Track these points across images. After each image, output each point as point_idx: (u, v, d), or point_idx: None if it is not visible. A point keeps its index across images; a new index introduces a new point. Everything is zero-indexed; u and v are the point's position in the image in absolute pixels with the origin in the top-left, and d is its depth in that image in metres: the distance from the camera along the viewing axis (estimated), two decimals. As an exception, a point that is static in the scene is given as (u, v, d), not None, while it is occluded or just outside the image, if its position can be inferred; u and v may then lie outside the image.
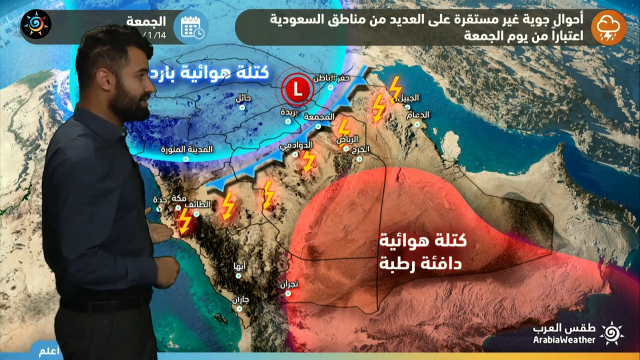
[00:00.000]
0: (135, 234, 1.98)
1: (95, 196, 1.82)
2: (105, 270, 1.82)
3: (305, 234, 4.55)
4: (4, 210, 4.68)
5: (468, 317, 4.49)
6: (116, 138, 1.95)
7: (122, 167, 1.93)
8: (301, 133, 4.56)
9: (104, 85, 1.93)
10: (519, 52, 5.02)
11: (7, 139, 4.83)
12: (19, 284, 4.55)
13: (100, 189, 1.82)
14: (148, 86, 1.97)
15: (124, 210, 1.92)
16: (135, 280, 1.89)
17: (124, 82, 1.93)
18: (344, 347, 4.44)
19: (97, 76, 1.93)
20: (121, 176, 1.90)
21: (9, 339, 4.46)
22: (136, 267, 1.90)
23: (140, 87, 1.95)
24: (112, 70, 1.92)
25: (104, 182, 1.83)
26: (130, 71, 1.93)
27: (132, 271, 1.88)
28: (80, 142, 1.86)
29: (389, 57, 4.82)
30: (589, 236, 4.59)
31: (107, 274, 1.83)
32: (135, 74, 1.94)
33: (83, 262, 1.80)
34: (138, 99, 1.96)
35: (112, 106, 1.95)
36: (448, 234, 4.44)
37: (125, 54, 1.92)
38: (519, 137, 4.74)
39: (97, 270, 1.81)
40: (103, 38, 1.91)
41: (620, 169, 4.73)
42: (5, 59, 4.87)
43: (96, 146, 1.87)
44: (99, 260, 1.81)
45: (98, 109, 1.95)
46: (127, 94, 1.94)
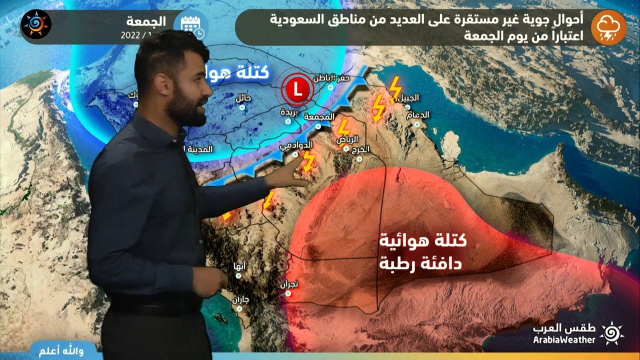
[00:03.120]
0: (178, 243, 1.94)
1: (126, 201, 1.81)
2: (129, 275, 1.81)
3: (305, 234, 4.55)
4: (4, 210, 4.68)
5: (468, 317, 4.49)
6: (165, 144, 1.94)
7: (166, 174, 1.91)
8: (301, 133, 4.56)
9: (162, 90, 1.93)
10: (519, 52, 5.02)
11: (7, 139, 4.83)
12: (19, 284, 4.55)
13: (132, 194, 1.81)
14: (205, 89, 1.96)
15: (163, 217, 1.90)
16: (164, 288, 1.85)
17: (181, 87, 1.93)
18: (344, 347, 4.44)
19: (155, 81, 1.93)
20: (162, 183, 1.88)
21: (9, 339, 4.46)
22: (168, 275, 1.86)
23: (197, 91, 1.95)
24: (169, 75, 1.92)
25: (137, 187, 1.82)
26: (187, 75, 1.93)
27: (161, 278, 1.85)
28: (122, 147, 1.86)
29: (389, 57, 4.83)
30: (589, 236, 4.59)
31: (131, 279, 1.82)
32: (193, 77, 1.93)
33: (106, 265, 1.80)
34: (195, 103, 1.95)
35: (169, 111, 1.95)
36: (448, 234, 4.45)
37: (182, 58, 1.92)
38: (519, 137, 4.74)
39: (120, 275, 1.80)
40: (159, 43, 1.92)
41: (620, 169, 4.73)
42: (5, 59, 4.87)
43: (138, 151, 1.86)
44: (122, 265, 1.81)
45: (154, 115, 1.96)
46: (184, 98, 1.94)
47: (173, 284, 1.87)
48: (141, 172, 1.83)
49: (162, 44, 1.92)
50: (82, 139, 4.75)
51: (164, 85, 1.92)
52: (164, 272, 1.86)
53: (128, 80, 4.72)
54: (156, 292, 1.85)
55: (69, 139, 4.78)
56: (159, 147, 1.93)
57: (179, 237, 1.94)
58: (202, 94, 1.95)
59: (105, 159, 1.85)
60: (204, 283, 1.91)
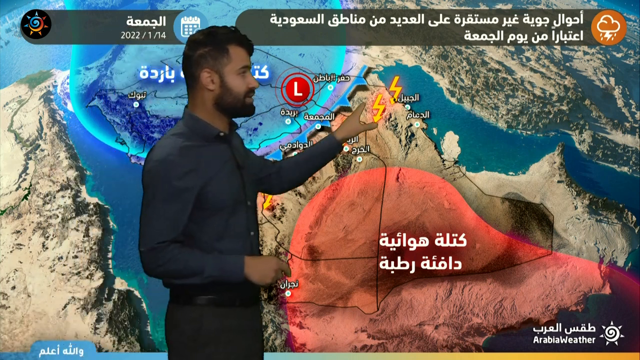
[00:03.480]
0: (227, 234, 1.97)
1: (170, 194, 1.87)
2: (175, 265, 1.87)
3: (305, 234, 4.55)
4: (4, 210, 4.68)
5: (468, 317, 4.49)
6: (212, 137, 1.98)
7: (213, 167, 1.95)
8: (301, 133, 4.56)
9: (208, 85, 1.98)
10: (519, 52, 5.02)
11: (7, 139, 4.83)
12: (19, 284, 4.55)
13: (177, 187, 1.87)
14: (251, 82, 2.00)
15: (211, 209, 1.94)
16: (213, 277, 1.89)
17: (227, 81, 1.97)
18: (344, 347, 4.44)
19: (201, 77, 1.97)
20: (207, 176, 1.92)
21: (9, 339, 4.46)
22: (217, 264, 1.90)
23: (243, 84, 1.99)
24: (215, 70, 1.97)
25: (181, 180, 1.87)
26: (232, 69, 1.97)
27: (210, 268, 1.88)
28: (168, 141, 1.93)
29: (389, 57, 4.83)
30: (589, 236, 4.59)
31: (178, 268, 1.87)
32: (238, 71, 1.97)
33: (153, 256, 1.87)
34: (242, 96, 1.99)
35: (217, 105, 1.99)
36: (448, 234, 4.45)
37: (226, 53, 1.96)
38: (519, 137, 4.74)
39: (167, 264, 1.87)
40: (204, 40, 1.97)
41: (620, 169, 4.73)
42: (5, 59, 4.87)
43: (185, 144, 1.92)
44: (168, 255, 1.87)
45: (203, 110, 2.00)
46: (231, 92, 1.98)
47: (223, 273, 1.90)
48: (185, 165, 1.88)
49: (207, 40, 1.97)
50: (82, 139, 4.75)
51: (210, 80, 1.97)
52: (213, 262, 1.90)
53: (128, 80, 4.72)
54: (206, 281, 1.89)
55: (69, 139, 4.78)
56: (207, 141, 1.98)
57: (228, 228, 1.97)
58: (249, 86, 1.99)
59: (153, 154, 1.93)
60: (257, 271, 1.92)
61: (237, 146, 2.09)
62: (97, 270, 4.56)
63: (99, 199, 4.69)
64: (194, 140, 1.95)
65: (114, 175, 4.69)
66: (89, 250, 4.59)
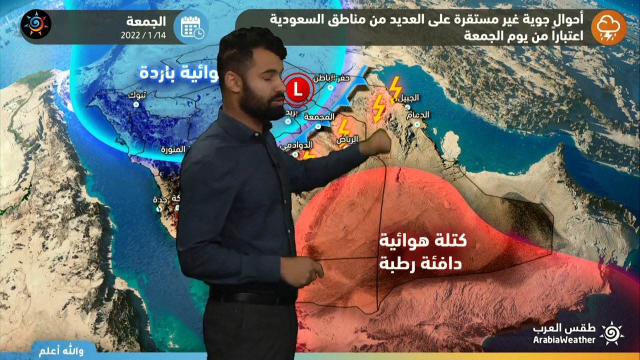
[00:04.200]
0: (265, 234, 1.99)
1: (207, 194, 1.89)
2: (213, 265, 1.89)
3: (305, 234, 4.55)
4: (4, 210, 4.68)
5: (468, 317, 4.49)
6: (247, 137, 2.00)
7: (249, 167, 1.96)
8: (301, 133, 4.56)
9: (232, 87, 1.99)
10: (519, 52, 5.02)
11: (7, 139, 4.83)
12: (19, 284, 4.55)
13: (214, 188, 1.89)
14: (278, 86, 1.99)
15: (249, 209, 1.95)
16: (250, 277, 1.91)
17: (250, 84, 1.97)
18: (344, 347, 4.44)
19: (225, 79, 1.99)
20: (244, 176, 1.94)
21: (9, 339, 4.46)
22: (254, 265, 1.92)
23: (268, 88, 1.98)
24: (238, 73, 1.97)
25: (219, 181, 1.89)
26: (256, 72, 1.97)
27: (247, 268, 1.90)
28: (205, 143, 1.95)
29: (389, 57, 4.83)
30: (589, 236, 4.59)
31: (215, 269, 1.90)
32: (262, 75, 1.97)
33: (190, 256, 1.89)
34: (267, 100, 1.98)
35: (242, 106, 2.00)
36: (448, 234, 4.45)
37: (250, 56, 1.97)
38: (519, 137, 4.74)
39: (205, 265, 1.89)
40: (231, 41, 1.98)
41: (620, 169, 4.73)
42: (5, 59, 4.87)
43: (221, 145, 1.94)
44: (206, 255, 1.89)
45: (232, 110, 2.02)
46: (254, 95, 1.98)
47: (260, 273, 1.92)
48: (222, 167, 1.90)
49: (234, 41, 1.98)
50: (82, 139, 4.75)
51: (234, 82, 1.99)
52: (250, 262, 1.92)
53: (128, 80, 4.72)
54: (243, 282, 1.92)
55: (69, 139, 4.78)
56: (242, 141, 1.99)
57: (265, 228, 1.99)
58: (275, 90, 1.99)
59: (189, 156, 1.95)
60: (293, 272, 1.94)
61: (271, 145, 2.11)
62: (97, 270, 4.56)
63: (99, 199, 4.69)
64: (229, 141, 1.97)
65: (114, 175, 4.69)
66: (89, 250, 4.59)
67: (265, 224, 1.99)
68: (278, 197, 2.04)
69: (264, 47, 1.98)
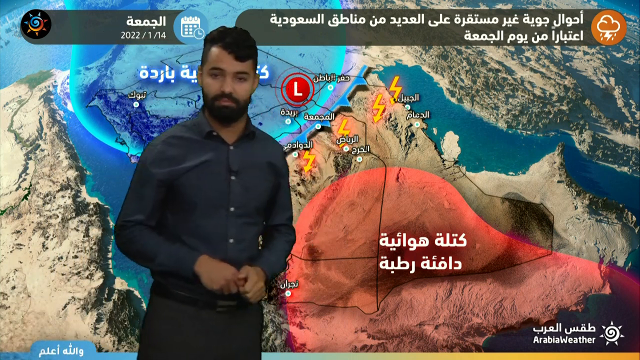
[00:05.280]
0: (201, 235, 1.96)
1: (144, 178, 1.96)
2: (134, 247, 1.95)
3: (305, 234, 4.55)
4: (4, 210, 4.68)
5: (468, 317, 4.49)
6: (203, 133, 2.00)
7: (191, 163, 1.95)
8: (301, 133, 4.56)
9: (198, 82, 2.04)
10: (519, 52, 5.02)
11: (7, 139, 4.83)
12: (19, 284, 4.55)
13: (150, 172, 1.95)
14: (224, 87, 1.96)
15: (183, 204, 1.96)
16: (165, 266, 1.93)
17: (203, 80, 2.00)
18: (344, 347, 4.44)
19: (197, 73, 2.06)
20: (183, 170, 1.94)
21: (9, 339, 4.46)
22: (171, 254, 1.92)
23: (214, 86, 1.97)
24: (201, 68, 2.02)
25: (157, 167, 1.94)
26: (206, 69, 1.99)
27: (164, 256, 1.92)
28: (169, 129, 2.04)
29: (389, 57, 4.83)
30: (589, 236, 4.59)
31: (136, 250, 1.95)
32: (209, 72, 1.97)
33: (119, 233, 1.98)
34: (210, 97, 1.98)
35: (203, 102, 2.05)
36: (448, 234, 4.44)
37: (207, 53, 1.99)
38: (519, 137, 4.74)
39: (128, 244, 1.96)
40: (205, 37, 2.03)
41: (620, 169, 4.73)
42: (5, 59, 4.87)
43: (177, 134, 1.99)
44: (130, 234, 1.95)
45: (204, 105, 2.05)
46: (203, 92, 2.01)
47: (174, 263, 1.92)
48: (164, 154, 1.95)
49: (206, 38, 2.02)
50: (82, 139, 4.75)
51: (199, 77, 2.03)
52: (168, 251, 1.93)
53: (128, 80, 4.72)
54: (157, 269, 1.95)
55: (69, 139, 4.78)
56: (203, 137, 2.00)
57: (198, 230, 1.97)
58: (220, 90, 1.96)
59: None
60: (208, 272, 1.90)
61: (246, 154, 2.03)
62: (97, 270, 4.56)
63: (99, 199, 4.69)
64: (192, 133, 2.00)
65: (114, 175, 4.69)
66: (89, 250, 4.59)
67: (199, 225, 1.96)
68: (221, 203, 1.97)
69: (219, 46, 1.96)
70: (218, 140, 2.00)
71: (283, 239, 2.18)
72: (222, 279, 1.89)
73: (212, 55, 1.96)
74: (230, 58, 1.96)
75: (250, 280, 1.91)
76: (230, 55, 1.96)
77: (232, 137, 2.02)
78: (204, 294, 1.94)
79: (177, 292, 1.96)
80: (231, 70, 1.96)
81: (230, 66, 1.96)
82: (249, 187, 2.02)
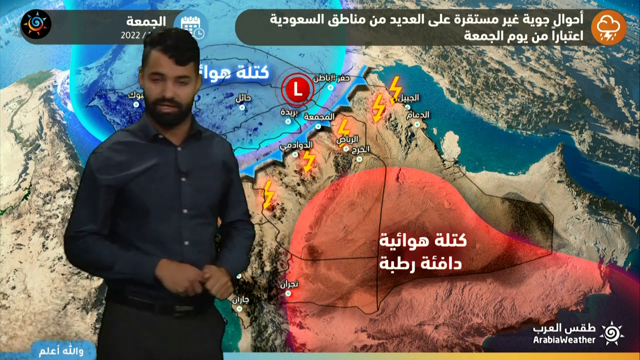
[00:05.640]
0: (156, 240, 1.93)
1: (91, 186, 1.91)
2: (89, 256, 1.91)
3: (305, 234, 4.55)
4: (4, 210, 4.68)
5: (468, 317, 4.49)
6: (149, 136, 1.96)
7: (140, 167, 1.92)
8: (301, 133, 4.56)
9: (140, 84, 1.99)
10: (519, 52, 5.02)
11: (7, 139, 4.83)
12: (19, 284, 4.55)
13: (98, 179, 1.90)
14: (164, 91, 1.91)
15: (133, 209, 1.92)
16: (124, 274, 1.89)
17: (144, 83, 1.95)
18: (344, 347, 4.44)
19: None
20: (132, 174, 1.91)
21: (9, 339, 4.46)
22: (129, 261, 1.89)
23: (155, 90, 1.92)
24: (142, 71, 1.97)
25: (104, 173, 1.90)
26: (147, 72, 1.94)
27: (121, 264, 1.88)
28: (114, 135, 1.98)
29: (389, 57, 4.83)
30: (589, 236, 4.59)
31: (91, 260, 1.91)
32: (150, 76, 1.92)
33: (70, 244, 1.93)
34: (151, 102, 1.93)
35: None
36: (448, 234, 4.45)
37: (148, 55, 1.94)
38: (519, 137, 4.74)
39: (83, 254, 1.92)
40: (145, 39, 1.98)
41: (620, 169, 4.73)
42: (5, 59, 4.87)
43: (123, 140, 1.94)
44: (84, 244, 1.90)
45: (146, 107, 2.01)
46: (144, 95, 1.96)
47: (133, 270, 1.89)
48: (111, 160, 1.91)
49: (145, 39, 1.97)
50: (82, 139, 4.75)
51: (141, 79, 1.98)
52: (126, 259, 1.89)
53: (128, 80, 4.72)
54: (115, 277, 1.91)
55: (69, 139, 4.78)
56: (149, 140, 1.96)
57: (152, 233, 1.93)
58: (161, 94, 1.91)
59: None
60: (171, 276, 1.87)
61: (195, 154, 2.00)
62: (97, 270, 4.56)
63: (99, 199, 4.69)
64: (137, 137, 1.96)
65: (114, 175, 4.68)
66: (89, 250, 4.58)
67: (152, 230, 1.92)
68: (173, 205, 1.94)
69: (159, 49, 1.90)
70: (165, 143, 1.96)
71: (241, 236, 2.18)
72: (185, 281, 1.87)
73: (153, 59, 1.90)
74: (170, 62, 1.90)
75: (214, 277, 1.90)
76: (170, 59, 1.90)
77: (179, 138, 1.99)
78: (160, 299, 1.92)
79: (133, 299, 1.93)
80: (172, 74, 1.90)
81: (171, 71, 1.90)
82: (200, 187, 1.99)
